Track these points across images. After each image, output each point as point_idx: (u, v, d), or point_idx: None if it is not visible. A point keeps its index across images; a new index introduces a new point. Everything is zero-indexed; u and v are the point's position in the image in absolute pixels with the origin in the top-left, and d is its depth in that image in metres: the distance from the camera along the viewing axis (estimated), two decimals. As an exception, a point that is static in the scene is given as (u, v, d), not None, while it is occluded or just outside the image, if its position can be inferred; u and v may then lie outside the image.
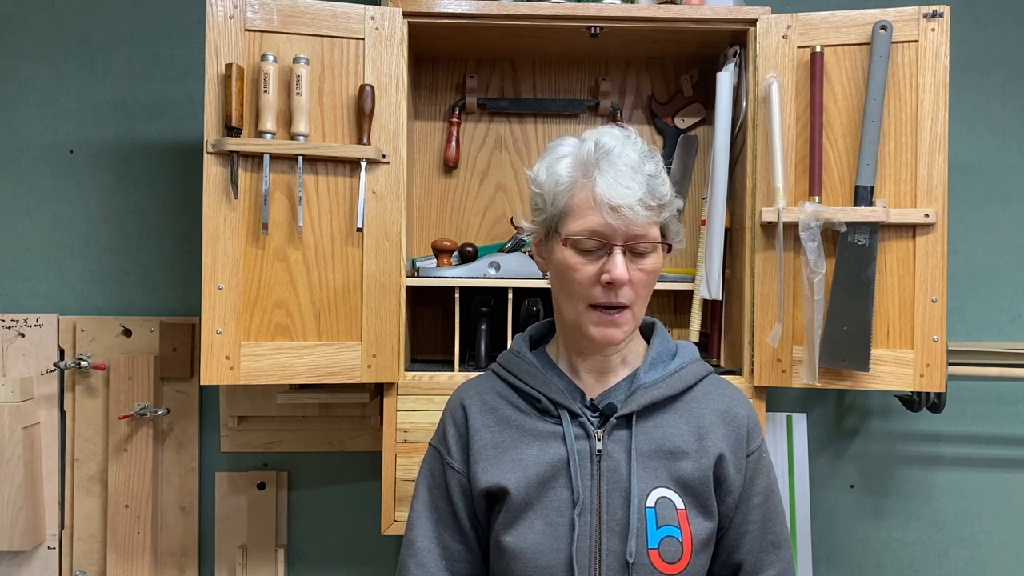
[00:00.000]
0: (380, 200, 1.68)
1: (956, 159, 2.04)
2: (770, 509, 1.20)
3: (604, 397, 1.17)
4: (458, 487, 1.19)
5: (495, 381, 1.24)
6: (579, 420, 1.15)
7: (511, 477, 1.14)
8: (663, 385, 1.17)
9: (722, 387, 1.23)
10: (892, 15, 1.65)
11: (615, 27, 1.74)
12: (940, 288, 1.64)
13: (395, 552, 2.09)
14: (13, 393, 1.93)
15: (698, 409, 1.18)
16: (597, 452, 1.13)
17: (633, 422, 1.14)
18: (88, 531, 2.02)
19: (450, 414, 1.24)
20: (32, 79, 2.05)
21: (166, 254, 2.06)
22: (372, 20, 1.68)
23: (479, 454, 1.17)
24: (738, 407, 1.21)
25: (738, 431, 1.18)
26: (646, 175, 1.09)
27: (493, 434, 1.18)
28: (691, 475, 1.13)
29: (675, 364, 1.20)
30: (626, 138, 1.13)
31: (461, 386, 1.28)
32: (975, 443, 2.11)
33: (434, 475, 1.22)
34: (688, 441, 1.15)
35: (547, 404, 1.16)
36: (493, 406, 1.20)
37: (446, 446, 1.21)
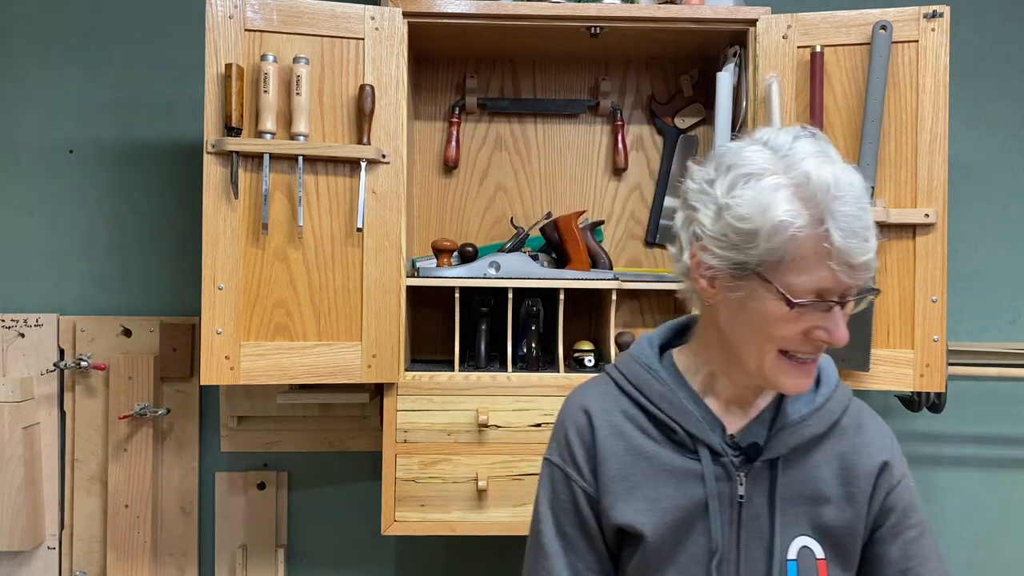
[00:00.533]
0: (380, 200, 1.68)
1: (956, 159, 2.04)
2: (928, 544, 1.06)
3: (746, 434, 1.03)
4: (591, 512, 1.05)
5: (620, 397, 1.07)
6: (720, 460, 1.02)
7: (647, 520, 1.01)
8: (812, 423, 1.03)
9: (865, 415, 1.09)
10: (892, 15, 1.65)
11: (615, 27, 1.74)
12: (940, 288, 1.64)
13: (395, 552, 2.09)
14: (13, 393, 1.93)
15: (842, 446, 1.05)
16: (739, 497, 1.01)
17: (778, 465, 1.02)
18: (88, 531, 2.02)
19: (575, 431, 1.07)
20: (32, 79, 2.05)
21: (166, 254, 2.06)
22: (372, 20, 1.68)
23: (609, 485, 1.03)
24: (883, 437, 1.08)
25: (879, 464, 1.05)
26: (870, 212, 0.91)
27: (623, 464, 1.03)
28: (834, 523, 1.02)
29: (822, 394, 1.06)
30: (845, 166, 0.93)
31: (579, 396, 1.11)
32: (975, 443, 2.11)
33: (560, 498, 1.07)
34: (832, 485, 1.03)
35: (683, 436, 1.03)
36: (622, 430, 1.05)
37: (575, 466, 1.06)
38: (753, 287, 0.94)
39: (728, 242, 0.94)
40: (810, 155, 0.92)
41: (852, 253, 0.89)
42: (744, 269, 0.94)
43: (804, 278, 0.91)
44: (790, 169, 0.92)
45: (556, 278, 1.77)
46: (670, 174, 2.02)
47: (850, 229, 0.88)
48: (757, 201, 0.91)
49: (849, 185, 0.90)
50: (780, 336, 0.94)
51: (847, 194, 0.89)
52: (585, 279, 1.77)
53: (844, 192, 0.89)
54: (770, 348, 0.96)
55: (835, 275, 0.90)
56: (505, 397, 1.70)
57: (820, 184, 0.89)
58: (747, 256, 0.93)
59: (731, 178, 0.94)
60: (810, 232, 0.89)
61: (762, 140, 0.96)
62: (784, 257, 0.91)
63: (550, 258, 1.89)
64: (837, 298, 0.92)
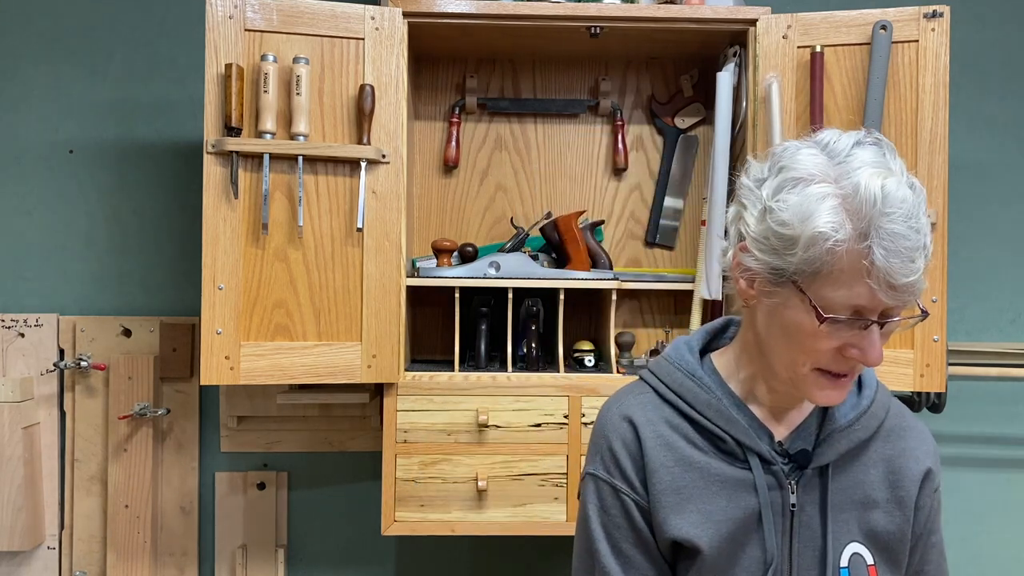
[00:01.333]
0: (380, 200, 1.68)
1: (956, 159, 2.03)
2: (941, 556, 1.09)
3: (793, 440, 1.01)
4: (645, 523, 1.01)
5: (662, 406, 1.04)
6: (771, 468, 0.99)
7: (703, 534, 0.98)
8: (859, 427, 1.01)
9: (906, 417, 1.08)
10: (892, 15, 1.65)
11: (615, 27, 1.74)
12: (940, 288, 1.64)
13: (395, 552, 2.09)
14: (13, 393, 1.93)
15: (889, 449, 1.04)
16: (792, 506, 0.99)
17: (829, 471, 1.00)
18: (88, 531, 2.02)
19: (620, 443, 1.03)
20: (32, 79, 2.05)
21: (166, 254, 2.06)
22: (372, 20, 1.68)
23: (661, 498, 1.00)
24: (928, 440, 1.08)
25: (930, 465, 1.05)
26: (924, 233, 0.87)
27: (673, 476, 1.00)
28: (883, 527, 1.02)
29: (866, 397, 1.04)
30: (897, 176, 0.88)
31: (619, 405, 1.06)
32: (975, 443, 2.11)
33: (611, 513, 1.02)
34: (880, 489, 1.02)
35: (733, 445, 1.00)
36: (668, 440, 1.01)
37: (624, 479, 1.02)
38: (788, 295, 0.91)
39: (768, 246, 0.91)
40: (867, 164, 0.88)
41: (894, 273, 0.84)
42: (781, 276, 0.91)
43: (840, 293, 0.87)
44: (842, 178, 0.88)
45: (556, 278, 1.77)
46: (670, 174, 2.02)
47: (895, 248, 0.84)
48: (800, 208, 0.87)
49: (901, 201, 0.85)
50: (812, 349, 0.91)
51: (897, 211, 0.85)
52: (585, 279, 1.77)
53: (894, 208, 0.85)
54: (803, 361, 0.93)
55: (873, 294, 0.86)
56: (505, 397, 1.70)
57: (868, 197, 0.85)
58: (785, 263, 0.89)
59: (779, 180, 0.91)
60: (851, 247, 0.85)
61: (822, 143, 0.93)
62: (821, 269, 0.87)
63: (550, 258, 1.89)
64: (876, 317, 0.88)
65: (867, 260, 0.85)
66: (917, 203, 0.87)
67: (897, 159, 0.91)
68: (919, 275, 0.86)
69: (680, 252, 2.03)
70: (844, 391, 0.95)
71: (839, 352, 0.91)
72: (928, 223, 0.88)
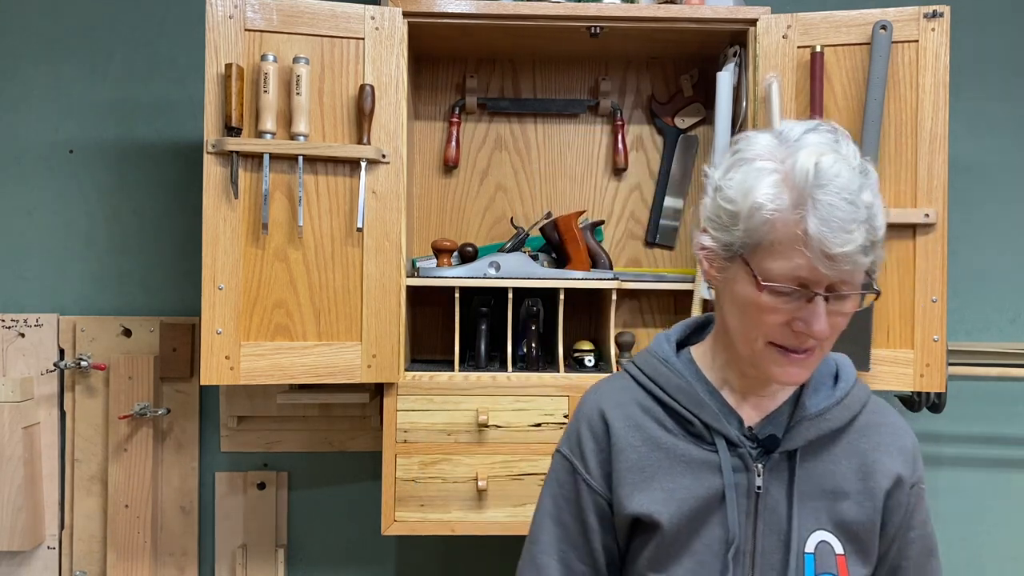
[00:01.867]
0: (380, 200, 1.68)
1: (956, 159, 2.03)
2: (924, 547, 1.07)
3: (764, 426, 1.04)
4: (594, 507, 1.05)
5: (636, 390, 1.08)
6: (738, 451, 1.02)
7: (664, 510, 1.01)
8: (829, 417, 1.03)
9: (886, 414, 1.10)
10: (892, 15, 1.65)
11: (615, 27, 1.74)
12: (940, 288, 1.64)
13: (395, 552, 2.09)
14: (13, 393, 1.93)
15: (863, 443, 1.05)
16: (757, 488, 1.01)
17: (796, 457, 1.02)
18: (88, 531, 2.02)
19: (587, 424, 1.08)
20: (32, 79, 2.05)
21: (166, 254, 2.06)
22: (372, 20, 1.68)
23: (624, 476, 1.03)
24: (904, 437, 1.08)
25: (904, 464, 1.06)
26: (865, 207, 0.89)
27: (640, 455, 1.04)
28: (853, 518, 1.02)
29: (841, 389, 1.06)
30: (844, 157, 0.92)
31: (595, 391, 1.12)
32: (975, 443, 2.11)
33: (563, 487, 1.08)
34: (851, 480, 1.03)
35: (700, 428, 1.03)
36: (638, 422, 1.05)
37: (582, 459, 1.07)
38: (737, 270, 0.95)
39: (720, 223, 0.96)
40: (811, 145, 0.92)
41: (827, 243, 0.87)
42: (730, 250, 0.95)
43: (780, 264, 0.91)
44: (787, 158, 0.92)
45: (556, 278, 1.77)
46: (670, 174, 2.02)
47: (828, 218, 0.87)
48: (743, 183, 0.92)
49: (835, 175, 0.89)
50: (762, 322, 0.94)
51: (831, 184, 0.88)
52: (585, 279, 1.77)
53: (827, 181, 0.88)
54: (757, 336, 0.96)
55: (811, 264, 0.88)
56: (505, 397, 1.70)
57: (803, 171, 0.89)
58: (733, 237, 0.94)
59: (731, 161, 0.96)
60: (786, 216, 0.89)
61: (778, 131, 0.97)
62: (762, 241, 0.91)
63: (550, 258, 1.89)
64: (821, 290, 0.91)
65: (801, 229, 0.88)
66: (860, 182, 0.90)
67: (850, 145, 0.94)
68: (857, 246, 0.88)
69: (680, 252, 2.03)
70: (803, 369, 0.97)
71: (788, 326, 0.93)
72: (877, 204, 0.92)
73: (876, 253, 0.92)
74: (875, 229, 0.91)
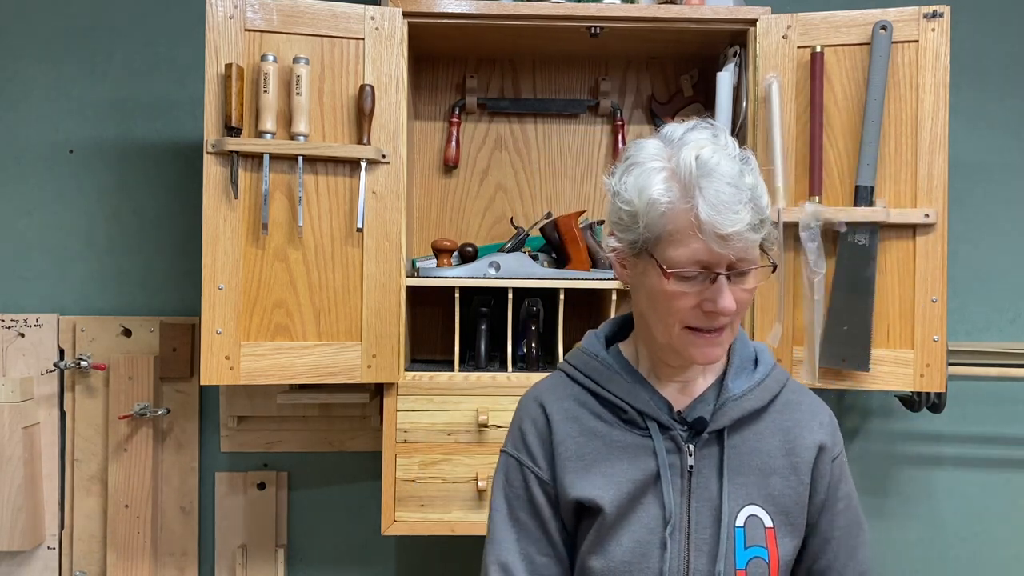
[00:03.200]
0: (380, 200, 1.68)
1: (956, 159, 2.03)
2: (853, 519, 1.14)
3: (691, 409, 1.10)
4: (543, 496, 1.11)
5: (571, 386, 1.14)
6: (669, 433, 1.08)
7: (605, 494, 1.06)
8: (751, 397, 1.10)
9: (803, 393, 1.17)
10: (892, 15, 1.65)
11: (615, 27, 1.74)
12: (940, 288, 1.64)
13: (395, 552, 2.09)
14: (13, 393, 1.93)
15: (785, 420, 1.12)
16: (689, 468, 1.07)
17: (725, 436, 1.08)
18: (88, 531, 2.02)
19: (529, 420, 1.14)
20: (32, 79, 2.05)
21: (166, 254, 2.06)
22: (372, 20, 1.68)
23: (565, 465, 1.09)
24: (821, 413, 1.15)
25: (824, 434, 1.13)
26: (748, 189, 0.98)
27: (579, 444, 1.10)
28: (780, 492, 1.09)
29: (760, 372, 1.13)
30: (723, 148, 1.01)
31: (533, 389, 1.19)
32: (975, 443, 2.11)
33: (513, 485, 1.13)
34: (777, 456, 1.10)
35: (633, 415, 1.09)
36: (575, 414, 1.11)
37: (528, 453, 1.12)
38: (645, 264, 1.03)
39: (623, 224, 1.04)
40: (692, 142, 1.01)
41: (718, 224, 0.95)
42: (636, 247, 1.03)
43: (681, 251, 0.98)
44: (672, 156, 1.01)
45: (556, 278, 1.77)
46: (670, 174, 2.01)
47: (716, 202, 0.95)
48: (636, 184, 1.01)
49: (716, 164, 0.97)
50: (675, 309, 1.01)
51: (714, 171, 0.97)
52: (585, 279, 1.77)
53: (709, 170, 0.97)
54: (673, 323, 1.03)
55: (708, 247, 0.96)
56: (505, 397, 1.70)
57: (687, 164, 0.98)
58: (636, 235, 1.02)
59: (624, 167, 1.05)
60: (679, 207, 0.97)
61: (663, 133, 1.05)
62: (662, 233, 0.99)
63: (550, 258, 1.89)
64: (722, 270, 0.98)
65: (693, 216, 0.96)
66: (740, 167, 0.99)
67: (728, 138, 1.03)
68: (745, 224, 0.96)
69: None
70: (719, 347, 1.04)
71: (699, 308, 1.01)
72: (760, 186, 1.01)
73: (765, 230, 1.00)
74: (761, 208, 0.99)
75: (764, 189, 1.01)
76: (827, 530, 1.12)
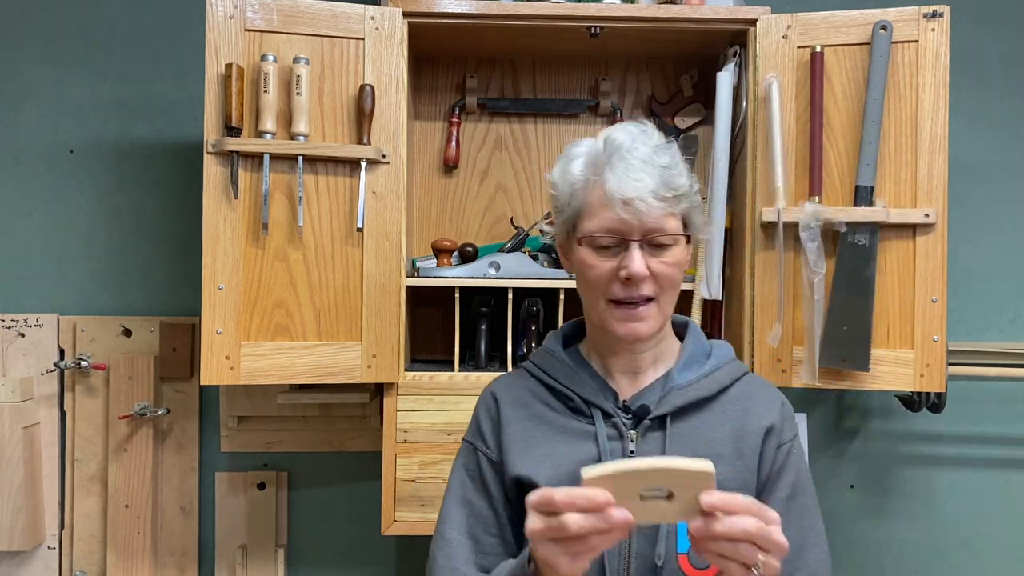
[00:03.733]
0: (380, 200, 1.68)
1: (956, 159, 2.03)
2: (796, 508, 1.13)
3: (637, 398, 1.14)
4: (493, 476, 1.17)
5: (527, 379, 1.22)
6: (612, 420, 1.12)
7: (542, 472, 1.11)
8: (697, 386, 1.14)
9: (757, 385, 1.20)
10: (892, 15, 1.65)
11: (615, 27, 1.74)
12: (940, 288, 1.64)
13: (395, 552, 2.10)
14: (13, 393, 1.93)
15: (735, 411, 1.15)
16: (630, 453, 1.10)
17: (667, 424, 1.11)
18: (88, 531, 2.02)
19: (483, 407, 1.23)
20: (32, 79, 2.05)
21: (166, 254, 2.06)
22: (372, 20, 1.68)
23: (511, 445, 1.16)
24: (775, 401, 1.18)
25: (774, 417, 1.15)
26: (659, 167, 1.06)
27: (524, 428, 1.16)
28: (726, 477, 1.08)
29: (710, 364, 1.17)
30: (641, 132, 1.10)
31: (492, 382, 1.26)
32: (975, 443, 2.11)
33: (468, 469, 1.20)
34: (725, 444, 1.12)
35: (579, 403, 1.14)
36: (525, 402, 1.19)
37: (482, 439, 1.20)
38: (573, 243, 1.12)
39: (557, 211, 1.14)
40: (614, 130, 1.11)
41: (622, 189, 1.04)
42: (567, 228, 1.13)
43: (594, 221, 1.08)
44: (593, 144, 1.11)
45: (556, 278, 1.77)
46: (670, 174, 2.01)
47: (620, 172, 1.05)
48: (561, 171, 1.12)
49: (623, 142, 1.07)
50: (596, 279, 1.09)
51: (620, 148, 1.07)
52: (585, 279, 1.77)
53: (618, 147, 1.07)
54: (598, 297, 1.10)
55: (616, 214, 1.05)
56: (505, 397, 1.70)
57: (599, 145, 1.09)
58: (567, 216, 1.12)
59: (558, 162, 1.15)
60: (590, 181, 1.08)
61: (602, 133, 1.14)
62: (581, 209, 1.09)
63: (550, 258, 1.89)
64: (635, 238, 1.06)
65: (603, 188, 1.06)
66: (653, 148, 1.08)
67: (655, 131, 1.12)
68: (647, 190, 1.04)
69: (680, 252, 2.03)
70: (642, 323, 1.10)
71: (616, 278, 1.07)
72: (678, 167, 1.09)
73: (681, 207, 1.08)
74: (672, 184, 1.06)
75: (685, 173, 1.09)
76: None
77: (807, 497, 1.15)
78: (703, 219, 1.14)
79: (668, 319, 1.16)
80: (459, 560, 1.13)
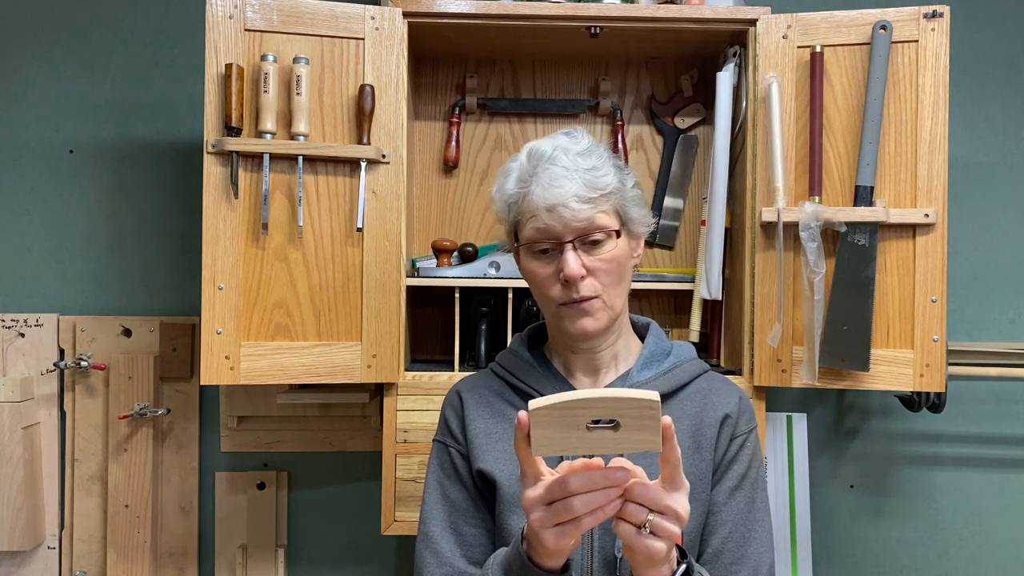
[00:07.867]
0: (380, 200, 1.68)
1: (956, 159, 2.04)
2: (743, 500, 1.17)
3: None
4: (466, 470, 1.22)
5: (491, 379, 1.28)
6: None
7: (503, 468, 1.17)
8: (656, 383, 1.19)
9: (716, 381, 1.25)
10: (892, 15, 1.65)
11: (615, 27, 1.74)
12: (940, 288, 1.64)
13: (395, 552, 2.10)
14: (13, 393, 1.93)
15: (694, 406, 1.20)
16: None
17: None
18: (88, 531, 2.02)
19: (449, 405, 1.29)
20: (32, 79, 2.05)
21: (166, 254, 2.06)
22: (372, 20, 1.68)
23: (475, 440, 1.21)
24: (730, 396, 1.22)
25: (732, 408, 1.20)
26: (582, 170, 1.13)
27: (487, 424, 1.22)
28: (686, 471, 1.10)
29: (669, 363, 1.23)
30: (567, 138, 1.17)
31: (458, 382, 1.32)
32: (975, 443, 2.11)
33: (443, 467, 1.25)
34: (684, 438, 1.16)
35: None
36: (487, 400, 1.25)
37: (451, 436, 1.25)
38: (518, 251, 1.20)
39: (504, 223, 1.22)
40: (538, 142, 1.18)
41: (546, 197, 1.11)
42: (512, 241, 1.22)
43: (528, 229, 1.15)
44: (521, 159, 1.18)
45: (556, 278, 1.76)
46: (670, 174, 2.02)
47: (544, 181, 1.12)
48: (498, 188, 1.21)
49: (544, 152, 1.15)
50: (542, 284, 1.16)
51: (543, 159, 1.14)
52: (585, 279, 1.77)
53: (540, 158, 1.14)
54: (548, 301, 1.17)
55: (544, 220, 1.12)
56: (505, 397, 1.70)
57: (525, 159, 1.17)
58: (508, 229, 1.22)
59: (498, 180, 1.22)
60: (522, 192, 1.16)
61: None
62: (519, 219, 1.17)
63: (550, 258, 1.89)
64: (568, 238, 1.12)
65: (532, 198, 1.14)
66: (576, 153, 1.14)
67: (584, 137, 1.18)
68: (569, 196, 1.10)
69: (680, 252, 2.03)
70: (590, 318, 1.15)
71: (557, 280, 1.14)
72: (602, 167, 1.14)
73: (609, 204, 1.13)
74: (597, 184, 1.12)
75: (610, 171, 1.15)
76: (719, 506, 1.16)
77: (755, 491, 1.19)
78: (642, 212, 1.20)
79: (621, 314, 1.21)
80: (446, 554, 1.19)
